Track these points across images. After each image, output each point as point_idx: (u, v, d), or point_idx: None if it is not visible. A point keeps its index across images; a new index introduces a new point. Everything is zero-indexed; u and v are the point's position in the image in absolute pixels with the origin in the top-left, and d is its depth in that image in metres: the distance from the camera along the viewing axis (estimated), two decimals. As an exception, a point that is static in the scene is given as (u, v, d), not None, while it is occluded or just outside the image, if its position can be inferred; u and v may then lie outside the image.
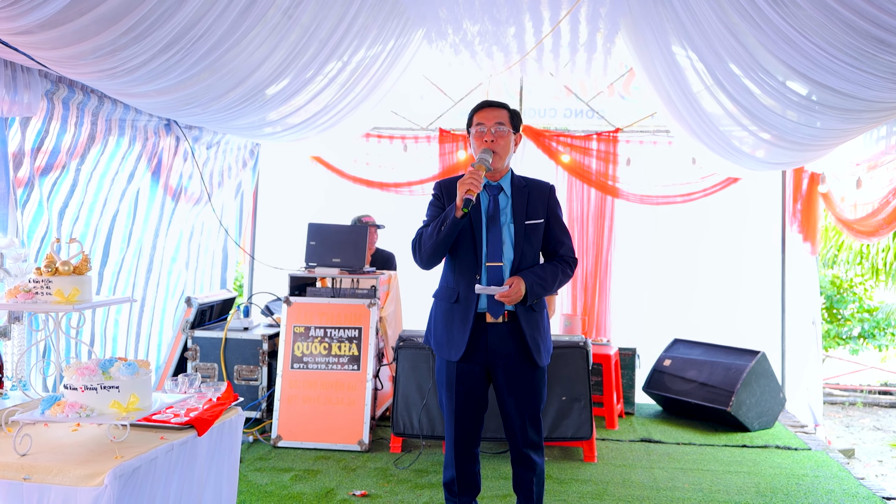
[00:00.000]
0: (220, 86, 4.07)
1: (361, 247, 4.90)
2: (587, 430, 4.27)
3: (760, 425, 5.20)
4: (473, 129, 2.94)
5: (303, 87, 4.70)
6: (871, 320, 9.96)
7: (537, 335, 2.93)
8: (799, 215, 5.86)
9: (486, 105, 2.96)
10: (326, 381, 4.65)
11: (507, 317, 2.89)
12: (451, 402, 2.94)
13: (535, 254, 2.98)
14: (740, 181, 6.01)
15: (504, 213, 2.94)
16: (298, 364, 4.68)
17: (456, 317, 2.90)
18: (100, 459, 2.17)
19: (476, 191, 2.72)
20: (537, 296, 2.89)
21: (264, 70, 4.19)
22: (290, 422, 4.61)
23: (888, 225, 4.37)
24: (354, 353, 4.67)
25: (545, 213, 2.99)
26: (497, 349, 2.89)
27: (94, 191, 4.27)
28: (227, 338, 4.91)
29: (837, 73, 3.07)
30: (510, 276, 2.87)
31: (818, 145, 4.29)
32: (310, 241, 4.93)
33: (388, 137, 6.51)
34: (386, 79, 5.51)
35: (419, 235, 2.91)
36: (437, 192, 3.00)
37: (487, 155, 2.84)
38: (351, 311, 4.74)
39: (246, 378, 4.91)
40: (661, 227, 6.28)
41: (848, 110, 3.50)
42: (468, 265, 2.89)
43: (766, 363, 5.29)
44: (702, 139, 5.00)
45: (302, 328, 4.72)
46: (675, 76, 4.54)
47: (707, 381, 5.34)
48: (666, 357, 5.75)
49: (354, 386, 4.63)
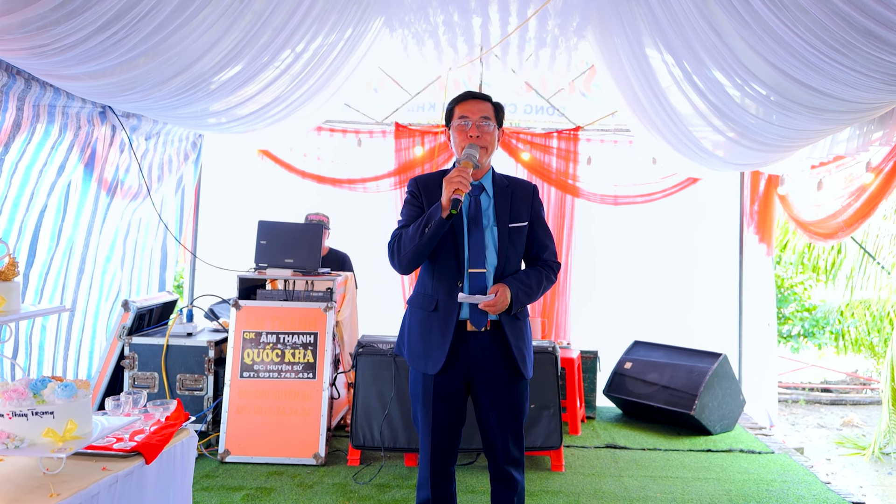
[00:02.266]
0: (164, 71, 3.72)
1: (316, 246, 4.61)
2: (556, 438, 4.11)
3: (722, 428, 5.16)
4: (455, 123, 2.70)
5: (254, 77, 4.37)
6: (810, 319, 10.22)
7: (522, 345, 2.73)
8: (756, 216, 5.86)
9: (470, 97, 2.74)
10: (279, 391, 4.34)
11: (489, 326, 2.68)
12: (428, 417, 2.71)
13: (519, 259, 2.79)
14: (699, 182, 5.98)
15: (486, 215, 2.72)
16: (248, 372, 4.36)
17: (434, 326, 2.67)
18: (31, 498, 1.86)
19: (465, 190, 2.49)
20: (522, 304, 2.69)
21: (213, 56, 3.85)
22: (240, 435, 4.29)
23: (848, 227, 4.37)
24: (309, 361, 4.38)
25: (529, 215, 2.79)
26: (479, 360, 2.68)
27: (19, 183, 3.85)
28: (169, 344, 4.54)
29: (824, 72, 2.97)
30: (493, 283, 2.66)
31: (787, 146, 4.24)
32: (260, 239, 4.60)
33: (341, 131, 6.22)
34: (341, 70, 5.22)
35: (397, 238, 2.66)
36: (414, 190, 2.76)
37: (474, 150, 2.62)
38: (305, 315, 4.44)
39: (190, 388, 4.55)
40: (620, 227, 6.19)
41: (827, 111, 3.42)
42: (449, 271, 2.66)
43: (728, 365, 5.25)
44: (667, 138, 4.91)
45: (252, 334, 4.40)
46: (644, 72, 4.43)
47: (669, 383, 5.27)
48: (626, 359, 5.66)
49: (309, 395, 4.34)
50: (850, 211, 4.22)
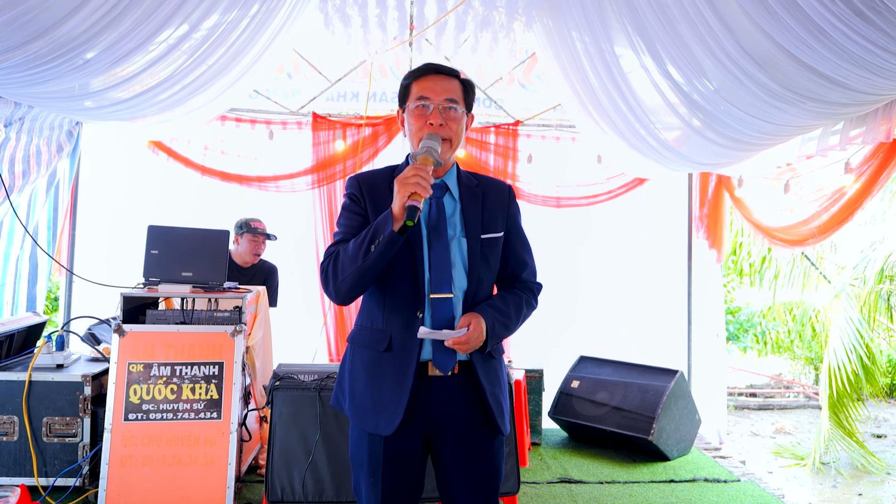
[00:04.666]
0: (16, 33, 2.86)
1: (221, 256, 3.82)
2: (514, 483, 3.50)
3: (679, 452, 4.73)
4: (412, 105, 2.04)
5: (135, 50, 3.54)
6: (734, 322, 10.15)
7: (498, 391, 2.10)
8: (706, 220, 5.49)
9: (432, 71, 2.07)
10: (175, 436, 3.53)
11: (457, 369, 2.04)
12: (377, 491, 2.03)
13: (493, 279, 2.16)
14: (647, 183, 5.55)
15: (452, 223, 2.08)
16: (135, 414, 3.53)
17: (387, 371, 2.00)
18: None
19: (424, 194, 1.84)
20: (499, 339, 2.07)
21: (81, 20, 3.03)
22: (124, 491, 3.45)
23: (821, 234, 4.01)
24: (213, 397, 3.59)
25: (504, 223, 2.17)
26: (444, 413, 2.03)
27: None
28: (33, 380, 3.65)
29: (840, 49, 2.50)
30: (463, 311, 2.02)
31: (760, 144, 3.82)
32: (150, 248, 3.77)
33: (249, 121, 5.40)
34: (248, 50, 4.45)
35: (333, 256, 1.97)
36: (355, 192, 2.09)
37: (435, 142, 1.97)
38: (208, 341, 3.65)
39: (60, 434, 3.67)
40: (561, 230, 5.67)
41: (827, 103, 2.99)
42: (404, 297, 2.00)
43: (685, 383, 4.83)
44: (622, 133, 4.41)
45: (140, 365, 3.57)
46: (604, 58, 3.91)
47: (621, 404, 4.79)
48: (573, 378, 5.15)
49: (213, 440, 3.56)
50: (824, 217, 3.85)
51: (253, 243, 4.75)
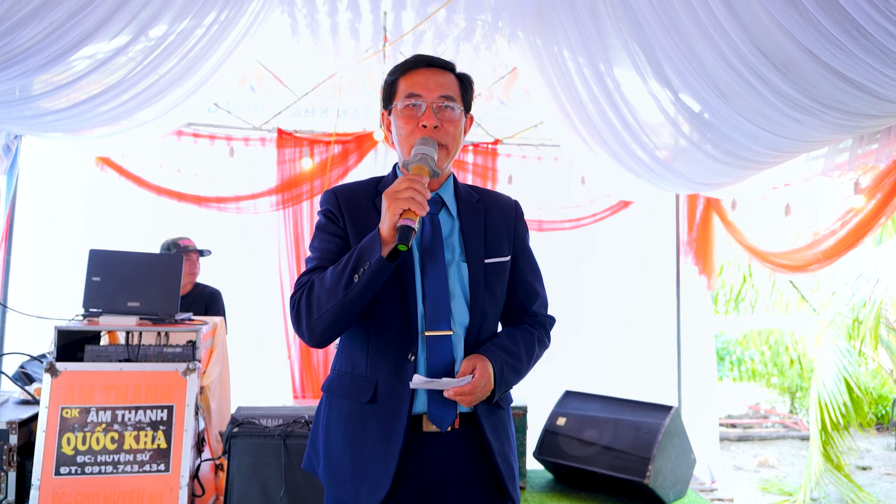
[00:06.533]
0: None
1: (173, 284, 3.39)
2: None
3: (675, 495, 4.38)
4: (401, 104, 1.68)
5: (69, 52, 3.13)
6: (710, 350, 9.93)
7: (508, 449, 1.74)
8: (694, 244, 5.21)
9: (424, 63, 1.73)
10: (115, 493, 3.06)
11: (458, 423, 1.66)
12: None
13: (499, 313, 1.80)
14: (632, 206, 5.26)
15: (450, 244, 1.72)
16: (69, 467, 3.05)
17: (372, 428, 1.62)
18: None
19: (420, 212, 1.47)
20: (509, 386, 1.71)
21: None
22: (54, 558, 2.97)
23: (826, 259, 3.74)
24: (161, 446, 3.14)
25: (511, 245, 1.83)
26: (442, 479, 1.65)
27: None
28: (-51, 428, 3.15)
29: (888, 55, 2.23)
30: (465, 352, 1.65)
31: (763, 162, 3.55)
32: (92, 275, 3.33)
33: (208, 137, 4.98)
34: (206, 60, 4.08)
35: (306, 288, 1.59)
36: (332, 209, 1.71)
37: (431, 148, 1.61)
38: (156, 381, 3.20)
39: (-21, 491, 3.17)
40: (541, 257, 5.25)
41: (851, 114, 2.72)
42: (392, 336, 1.63)
43: (679, 420, 4.50)
44: (613, 152, 4.12)
45: (76, 410, 3.10)
46: (597, 74, 3.62)
47: (612, 444, 4.43)
48: (559, 414, 4.77)
49: (160, 496, 3.09)
50: (832, 240, 3.58)
51: (186, 263, 4.28)
